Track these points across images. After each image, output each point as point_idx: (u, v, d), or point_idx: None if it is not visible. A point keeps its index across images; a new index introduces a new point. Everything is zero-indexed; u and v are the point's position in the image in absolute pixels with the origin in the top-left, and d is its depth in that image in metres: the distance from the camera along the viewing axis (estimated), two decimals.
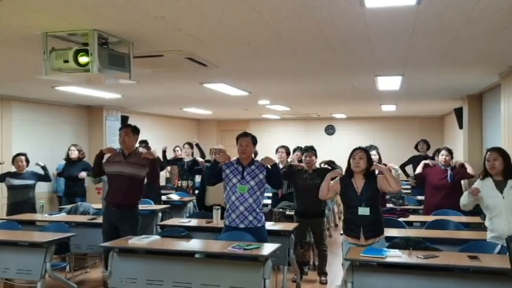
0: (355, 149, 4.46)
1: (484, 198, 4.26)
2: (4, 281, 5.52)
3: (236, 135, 4.86)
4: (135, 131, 5.34)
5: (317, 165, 6.02)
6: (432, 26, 3.78)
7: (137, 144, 5.53)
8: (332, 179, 4.58)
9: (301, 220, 5.83)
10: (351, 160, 4.38)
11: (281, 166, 7.16)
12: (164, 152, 8.47)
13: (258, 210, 4.66)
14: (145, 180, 5.39)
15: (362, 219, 4.23)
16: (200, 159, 7.93)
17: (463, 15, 3.46)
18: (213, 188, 6.66)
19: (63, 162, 7.91)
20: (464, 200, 4.45)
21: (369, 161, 4.39)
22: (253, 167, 4.70)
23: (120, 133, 5.32)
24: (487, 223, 4.34)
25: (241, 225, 4.62)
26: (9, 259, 4.79)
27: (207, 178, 5.01)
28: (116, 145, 6.15)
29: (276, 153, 7.57)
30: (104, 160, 5.34)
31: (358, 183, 4.33)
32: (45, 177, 7.17)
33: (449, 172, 6.29)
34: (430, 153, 8.80)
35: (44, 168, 7.14)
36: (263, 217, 4.75)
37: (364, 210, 4.21)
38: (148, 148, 7.21)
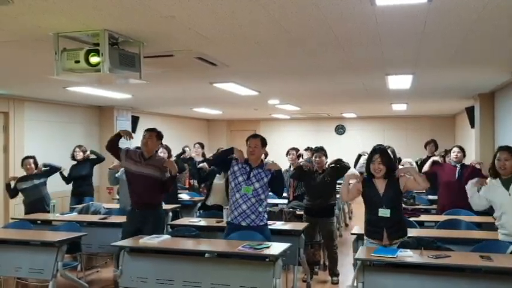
0: (373, 153, 4.30)
1: (492, 196, 4.28)
2: (16, 280, 5.58)
3: (246, 135, 4.90)
4: (159, 136, 5.27)
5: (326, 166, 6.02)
6: (443, 24, 3.76)
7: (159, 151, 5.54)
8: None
9: (310, 219, 5.83)
10: (371, 164, 4.26)
11: (291, 168, 7.18)
12: (180, 154, 8.51)
13: (260, 210, 4.66)
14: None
15: (384, 220, 4.14)
16: (204, 165, 7.80)
17: (474, 13, 3.43)
18: (216, 189, 6.67)
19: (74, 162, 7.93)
20: (469, 192, 4.50)
21: (388, 161, 4.27)
22: (260, 170, 4.70)
23: (144, 135, 5.21)
24: (496, 222, 4.33)
25: (243, 223, 4.63)
26: (21, 258, 4.82)
27: (213, 160, 5.00)
28: (126, 145, 6.14)
29: (287, 155, 7.55)
30: (124, 155, 5.20)
31: (380, 184, 4.23)
32: (53, 170, 7.10)
33: (457, 169, 6.22)
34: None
35: (45, 165, 7.06)
36: (266, 216, 4.76)
37: (384, 212, 4.11)
38: (168, 150, 7.16)
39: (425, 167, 6.60)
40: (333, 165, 5.90)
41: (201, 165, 7.94)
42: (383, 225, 4.15)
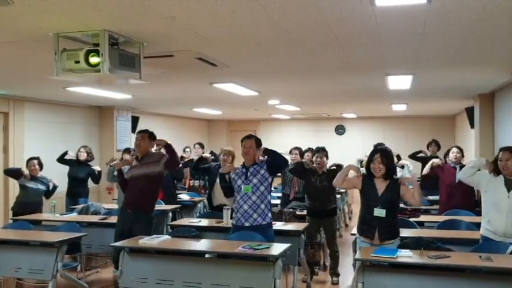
0: (373, 153, 4.32)
1: (489, 189, 4.30)
2: (16, 280, 5.58)
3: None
4: (151, 137, 5.35)
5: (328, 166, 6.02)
6: (443, 25, 3.76)
7: (154, 149, 5.56)
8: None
9: (314, 220, 5.84)
10: (371, 164, 4.28)
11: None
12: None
13: (263, 207, 4.64)
14: (165, 172, 5.41)
15: (378, 220, 4.16)
16: (207, 155, 7.83)
17: (474, 13, 3.43)
18: (219, 189, 6.66)
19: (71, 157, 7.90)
20: (472, 163, 4.55)
21: (389, 161, 4.27)
22: (255, 165, 4.72)
23: (137, 137, 5.33)
24: (484, 216, 4.35)
25: (246, 224, 4.62)
26: (21, 259, 4.83)
27: (226, 194, 5.07)
28: (126, 145, 6.17)
29: (290, 154, 7.55)
30: (126, 171, 5.44)
31: (380, 184, 4.25)
32: (48, 193, 7.06)
33: (457, 171, 6.19)
34: (440, 154, 8.68)
35: (54, 188, 7.07)
36: (269, 215, 4.72)
37: (380, 212, 4.14)
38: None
39: (426, 170, 6.56)
40: (333, 167, 5.91)
41: (205, 154, 7.89)
42: (376, 225, 4.18)
